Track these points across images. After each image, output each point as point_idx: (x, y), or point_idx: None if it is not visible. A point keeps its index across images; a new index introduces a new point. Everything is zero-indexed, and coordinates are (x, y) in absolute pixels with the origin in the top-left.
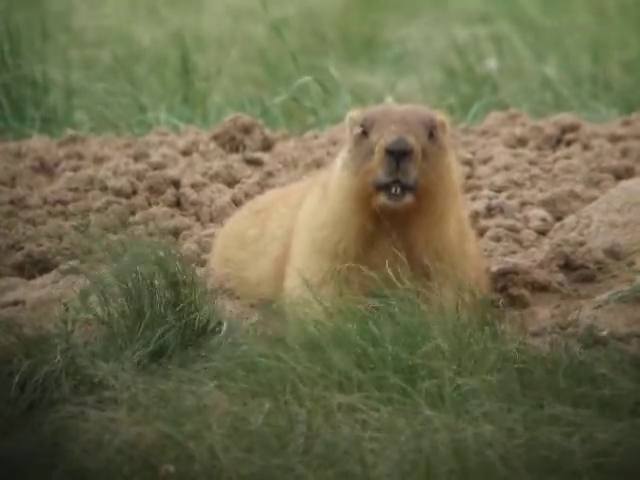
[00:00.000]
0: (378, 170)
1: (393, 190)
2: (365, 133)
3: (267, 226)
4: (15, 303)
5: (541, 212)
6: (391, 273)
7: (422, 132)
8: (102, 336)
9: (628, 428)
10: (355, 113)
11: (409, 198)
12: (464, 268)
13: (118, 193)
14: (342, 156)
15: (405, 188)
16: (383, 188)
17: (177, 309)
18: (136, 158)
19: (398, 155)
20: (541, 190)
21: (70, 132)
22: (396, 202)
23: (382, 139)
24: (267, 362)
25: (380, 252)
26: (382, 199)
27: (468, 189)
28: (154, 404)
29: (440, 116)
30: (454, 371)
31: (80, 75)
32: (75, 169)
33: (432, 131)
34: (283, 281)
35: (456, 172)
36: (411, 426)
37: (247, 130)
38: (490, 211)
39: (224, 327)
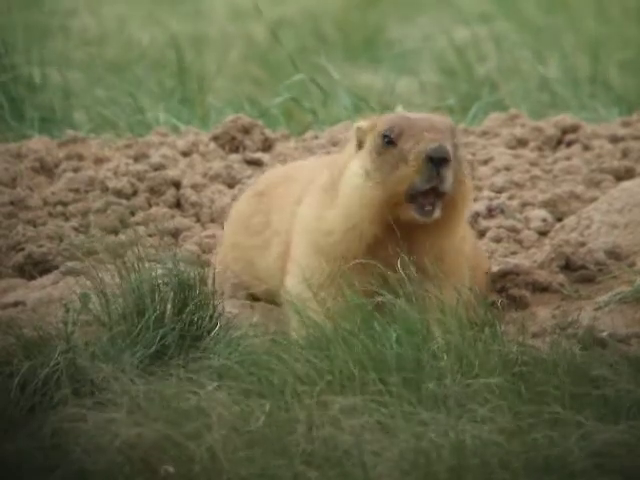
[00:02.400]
0: (415, 177)
1: (427, 207)
2: (392, 142)
3: (270, 215)
4: (15, 304)
5: (542, 213)
6: (395, 275)
7: (450, 139)
8: (102, 337)
9: (627, 429)
10: (364, 123)
11: (438, 213)
12: (462, 269)
13: (118, 194)
14: (361, 166)
15: (439, 197)
16: (415, 199)
17: (178, 310)
18: (136, 159)
19: (438, 162)
20: (542, 191)
21: (70, 133)
22: (426, 217)
23: (420, 146)
24: (268, 360)
25: (384, 254)
26: (412, 213)
27: None
28: (154, 405)
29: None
30: (456, 372)
31: (79, 75)
32: (75, 170)
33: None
34: (285, 275)
35: (469, 177)
36: (411, 427)
37: (247, 130)
38: (491, 212)
39: (223, 327)
